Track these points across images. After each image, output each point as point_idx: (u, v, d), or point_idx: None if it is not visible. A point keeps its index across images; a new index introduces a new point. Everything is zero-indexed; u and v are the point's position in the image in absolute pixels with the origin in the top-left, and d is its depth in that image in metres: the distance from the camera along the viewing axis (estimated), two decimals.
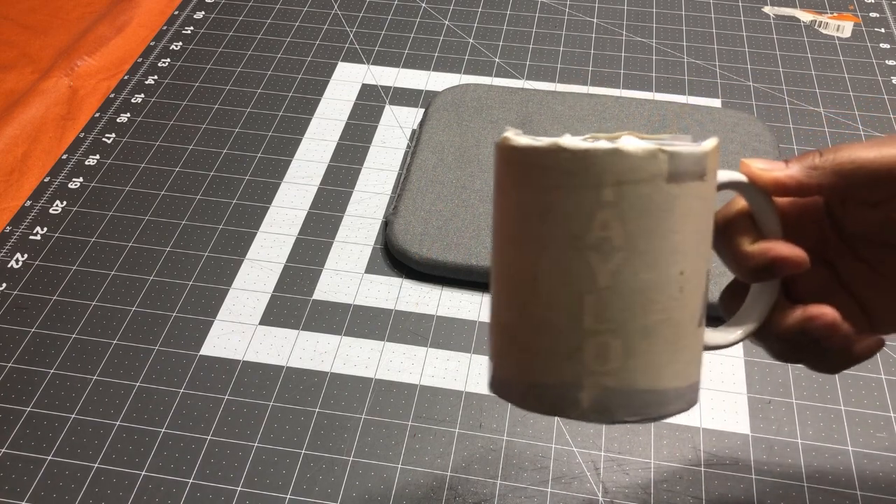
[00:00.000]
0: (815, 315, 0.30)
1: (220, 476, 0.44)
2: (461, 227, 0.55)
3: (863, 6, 0.79)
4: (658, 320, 0.28)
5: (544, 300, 0.28)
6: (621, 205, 0.27)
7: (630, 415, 0.29)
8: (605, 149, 0.27)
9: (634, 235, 0.27)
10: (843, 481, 0.44)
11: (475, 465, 0.45)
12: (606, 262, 0.27)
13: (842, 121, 0.66)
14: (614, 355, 0.28)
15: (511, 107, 0.64)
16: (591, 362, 0.28)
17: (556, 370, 0.29)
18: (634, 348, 0.28)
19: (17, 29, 0.76)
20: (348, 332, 0.51)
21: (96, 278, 0.54)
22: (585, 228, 0.27)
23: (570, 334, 0.28)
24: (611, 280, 0.27)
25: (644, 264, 0.27)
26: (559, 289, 0.28)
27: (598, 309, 0.28)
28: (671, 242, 0.28)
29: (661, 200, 0.27)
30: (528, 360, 0.29)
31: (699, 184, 0.28)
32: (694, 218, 0.28)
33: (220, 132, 0.65)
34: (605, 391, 0.28)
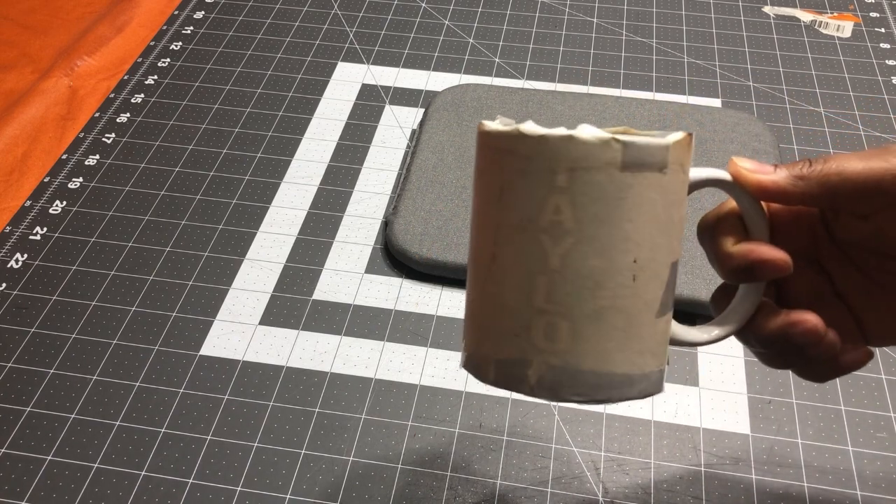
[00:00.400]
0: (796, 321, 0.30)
1: (220, 476, 0.44)
2: (461, 227, 0.55)
3: (863, 6, 0.79)
4: (606, 306, 0.29)
5: (499, 279, 0.30)
6: (573, 190, 0.28)
7: (575, 395, 0.30)
8: (559, 135, 0.28)
9: (585, 221, 0.28)
10: (843, 481, 0.44)
11: (475, 465, 0.45)
12: (557, 245, 0.28)
13: (842, 121, 0.66)
14: (562, 336, 0.29)
15: (511, 107, 0.64)
16: (539, 340, 0.29)
17: (507, 346, 0.30)
18: (582, 331, 0.29)
19: (17, 29, 0.76)
20: (348, 332, 0.51)
21: (96, 278, 0.54)
22: (538, 211, 0.28)
23: (521, 312, 0.29)
24: (561, 263, 0.29)
25: (593, 250, 0.28)
26: (513, 268, 0.29)
27: (548, 290, 0.29)
28: (623, 230, 0.28)
29: (612, 188, 0.28)
30: (486, 336, 0.31)
31: (658, 175, 0.28)
32: (650, 208, 0.28)
33: (220, 132, 0.65)
34: (551, 369, 0.29)
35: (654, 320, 0.30)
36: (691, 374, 0.49)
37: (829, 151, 0.63)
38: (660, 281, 0.30)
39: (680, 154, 0.29)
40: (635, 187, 0.28)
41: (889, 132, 0.65)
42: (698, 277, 0.52)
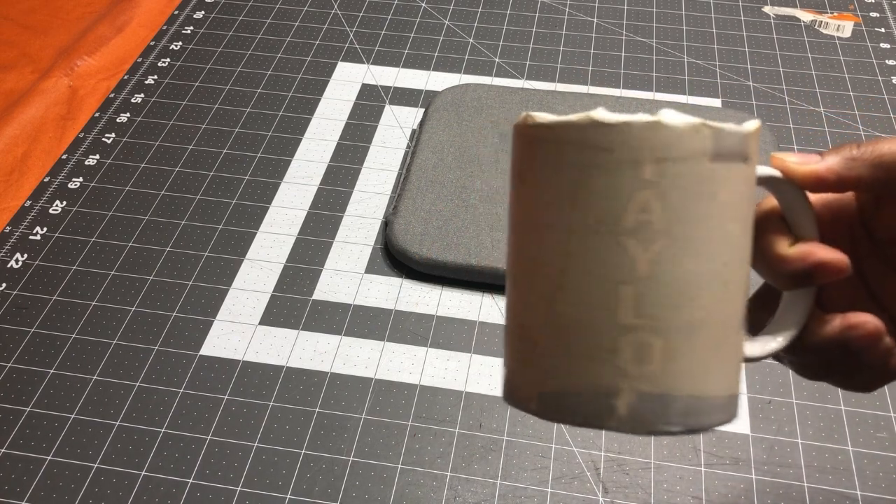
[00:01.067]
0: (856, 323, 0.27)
1: (220, 476, 0.44)
2: (461, 227, 0.55)
3: (863, 6, 0.79)
4: (701, 318, 0.25)
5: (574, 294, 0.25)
6: (662, 184, 0.24)
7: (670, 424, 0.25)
8: (644, 121, 0.24)
9: (677, 219, 0.24)
10: (843, 481, 0.44)
11: (475, 465, 0.45)
12: (646, 249, 0.24)
13: (842, 121, 0.66)
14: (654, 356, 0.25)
15: (511, 107, 0.64)
16: (628, 363, 0.25)
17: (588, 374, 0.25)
18: (677, 348, 0.25)
19: (17, 29, 0.76)
20: (348, 332, 0.51)
21: (96, 278, 0.54)
22: (622, 210, 0.24)
23: (605, 332, 0.25)
24: (651, 269, 0.24)
25: (687, 252, 0.24)
26: (592, 280, 0.25)
27: (636, 302, 0.24)
28: (715, 229, 0.25)
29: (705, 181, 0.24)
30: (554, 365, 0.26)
31: (743, 167, 0.25)
32: (738, 204, 0.25)
33: (220, 132, 0.65)
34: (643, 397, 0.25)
35: (737, 333, 0.26)
36: None
37: None
38: (744, 288, 0.26)
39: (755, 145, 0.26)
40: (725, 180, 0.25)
41: (889, 132, 0.65)
42: None
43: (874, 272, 0.30)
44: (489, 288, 0.54)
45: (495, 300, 0.53)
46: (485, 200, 0.57)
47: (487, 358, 0.50)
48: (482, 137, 0.62)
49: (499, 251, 0.53)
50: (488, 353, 0.50)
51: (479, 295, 0.53)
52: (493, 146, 0.61)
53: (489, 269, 0.53)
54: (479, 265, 0.53)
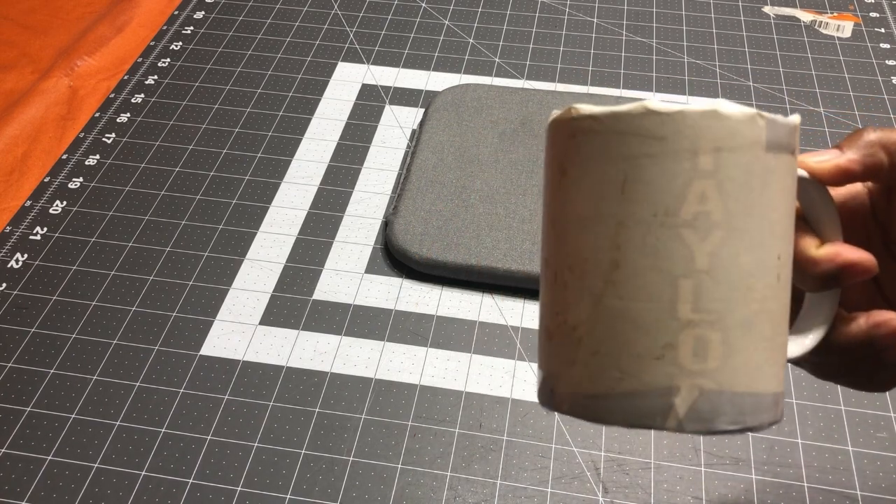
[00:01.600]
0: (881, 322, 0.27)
1: (220, 476, 0.44)
2: (461, 227, 0.55)
3: (863, 6, 0.79)
4: (757, 311, 0.24)
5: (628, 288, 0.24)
6: (720, 174, 0.23)
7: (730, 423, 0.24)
8: (701, 110, 0.24)
9: (735, 211, 0.24)
10: (843, 481, 0.44)
11: (475, 465, 0.45)
12: (704, 241, 0.24)
13: (842, 121, 0.66)
14: (713, 352, 0.24)
15: (511, 107, 0.64)
16: (687, 360, 0.24)
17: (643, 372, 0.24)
18: (735, 343, 0.24)
19: (17, 29, 0.76)
20: (348, 332, 0.51)
21: (96, 278, 0.54)
22: (680, 201, 0.24)
23: (663, 327, 0.24)
24: (710, 262, 0.24)
25: (745, 245, 0.24)
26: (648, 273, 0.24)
27: (695, 296, 0.24)
28: (770, 221, 0.24)
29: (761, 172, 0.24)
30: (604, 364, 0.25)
31: (791, 158, 0.25)
32: (789, 196, 0.25)
33: (220, 132, 0.65)
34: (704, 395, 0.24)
35: (787, 327, 0.26)
36: None
37: None
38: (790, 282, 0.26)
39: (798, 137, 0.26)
40: (778, 171, 0.24)
41: None
42: None
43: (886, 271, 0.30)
44: (489, 288, 0.54)
45: (495, 300, 0.53)
46: (485, 200, 0.57)
47: (487, 358, 0.50)
48: (482, 137, 0.62)
49: (499, 251, 0.53)
50: (488, 353, 0.50)
51: (479, 295, 0.53)
52: (493, 146, 0.61)
53: (489, 269, 0.53)
54: (479, 265, 0.53)
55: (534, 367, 0.49)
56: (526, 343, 0.51)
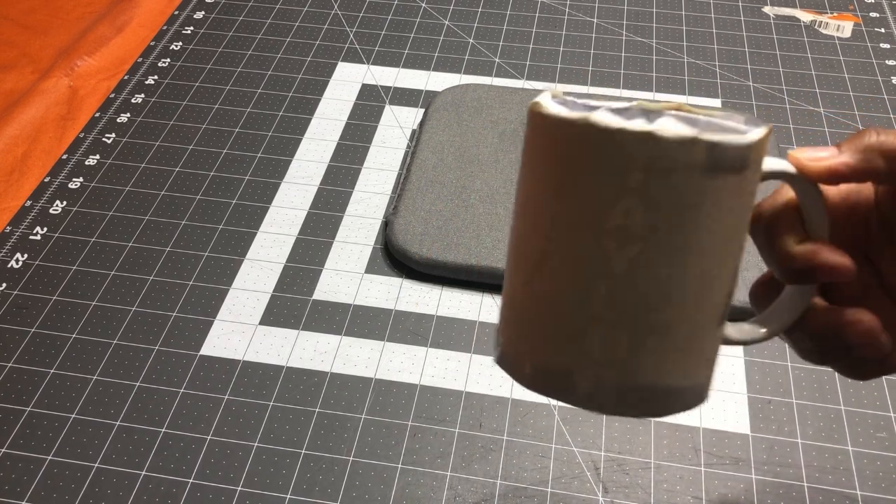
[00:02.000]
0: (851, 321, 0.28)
1: (220, 476, 0.44)
2: (461, 227, 0.55)
3: (863, 6, 0.79)
4: (671, 318, 0.26)
5: (551, 278, 0.27)
6: (648, 193, 0.25)
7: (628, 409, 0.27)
8: (638, 131, 0.24)
9: (658, 227, 0.25)
10: (843, 481, 0.44)
11: (475, 465, 0.45)
12: (623, 251, 0.25)
13: (842, 121, 0.66)
14: (619, 347, 0.26)
15: (511, 107, 0.64)
16: (594, 350, 0.26)
17: (556, 352, 0.27)
18: (643, 344, 0.26)
19: (17, 29, 0.76)
20: (348, 332, 0.51)
21: (96, 278, 0.54)
22: (606, 213, 0.25)
23: (575, 318, 0.26)
24: (626, 269, 0.25)
25: (664, 259, 0.25)
26: (569, 270, 0.26)
27: (608, 297, 0.26)
28: (696, 239, 0.25)
29: (692, 194, 0.25)
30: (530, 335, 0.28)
31: (737, 178, 0.25)
32: (726, 214, 0.25)
33: (220, 132, 0.65)
34: (604, 382, 0.27)
35: (715, 330, 0.27)
36: None
37: None
38: (726, 289, 0.27)
39: (759, 152, 0.25)
40: (714, 192, 0.25)
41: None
42: None
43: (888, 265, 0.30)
44: (489, 288, 0.54)
45: (495, 300, 0.53)
46: (485, 200, 0.57)
47: (487, 358, 0.50)
48: (482, 137, 0.62)
49: (499, 251, 0.53)
50: (488, 353, 0.50)
51: (479, 295, 0.53)
52: (493, 146, 0.61)
53: (489, 269, 0.53)
54: (479, 265, 0.53)
55: None
56: None
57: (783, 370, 0.49)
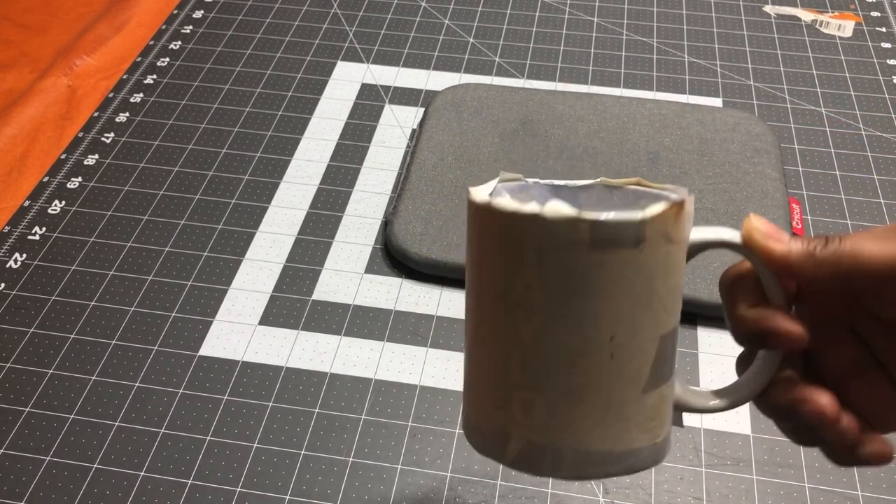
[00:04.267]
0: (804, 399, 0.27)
1: (220, 476, 0.44)
2: (461, 228, 0.55)
3: (864, 5, 0.78)
4: (582, 384, 0.28)
5: (480, 349, 0.29)
6: (542, 267, 0.27)
7: (555, 471, 0.29)
8: (527, 213, 0.27)
9: (555, 298, 0.27)
10: (844, 481, 0.44)
11: (475, 465, 0.45)
12: (528, 321, 0.28)
13: (843, 120, 0.66)
14: (538, 412, 0.28)
15: (511, 106, 0.64)
16: (517, 415, 0.29)
17: (489, 416, 0.30)
18: (557, 407, 0.28)
19: (16, 28, 0.76)
20: (348, 332, 0.51)
21: (95, 278, 0.54)
22: (510, 286, 0.28)
23: (500, 385, 0.29)
24: (533, 339, 0.28)
25: (564, 327, 0.27)
26: (491, 340, 0.29)
27: (522, 365, 0.28)
28: (594, 308, 0.27)
29: (580, 267, 0.27)
30: (474, 402, 0.31)
31: (633, 251, 0.27)
32: (628, 284, 0.27)
33: (220, 132, 0.65)
34: (530, 445, 0.29)
35: (639, 396, 0.28)
36: (692, 374, 0.49)
37: (829, 151, 0.63)
38: (645, 356, 0.28)
39: (662, 226, 0.27)
40: (606, 265, 0.27)
41: (890, 132, 0.65)
42: (698, 277, 0.52)
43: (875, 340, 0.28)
44: None
45: None
46: None
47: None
48: (482, 137, 0.61)
49: None
50: None
51: None
52: (493, 146, 0.61)
53: None
54: None
55: None
56: None
57: None
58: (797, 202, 0.58)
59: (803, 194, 0.60)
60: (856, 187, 0.60)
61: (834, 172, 0.61)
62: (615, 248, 0.27)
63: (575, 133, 0.62)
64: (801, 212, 0.58)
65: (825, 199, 0.59)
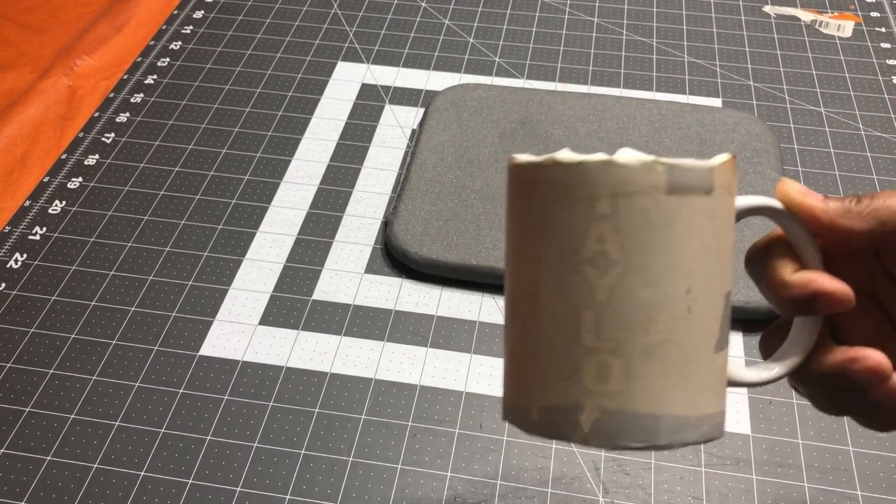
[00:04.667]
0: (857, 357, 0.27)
1: (220, 476, 0.44)
2: (461, 227, 0.55)
3: (863, 6, 0.78)
4: (661, 340, 0.27)
5: (543, 317, 0.28)
6: (617, 217, 0.26)
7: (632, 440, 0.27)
8: (598, 161, 0.26)
9: (632, 249, 0.26)
10: (844, 481, 0.44)
11: (475, 465, 0.45)
12: (603, 277, 0.27)
13: (842, 120, 0.66)
14: (614, 376, 0.27)
15: (511, 107, 0.64)
16: (590, 382, 0.27)
17: (555, 391, 0.28)
18: (635, 369, 0.27)
19: (16, 28, 0.76)
20: (348, 332, 0.51)
21: (95, 278, 0.54)
22: (581, 242, 0.27)
23: (569, 352, 0.27)
24: (609, 296, 0.27)
25: (643, 280, 0.26)
26: (556, 304, 0.27)
27: (596, 326, 0.27)
28: (673, 258, 0.26)
29: (659, 213, 0.26)
30: (529, 380, 0.28)
31: (705, 198, 0.27)
32: (701, 234, 0.27)
33: (220, 132, 0.65)
34: (606, 414, 0.27)
35: (712, 356, 0.28)
36: None
37: (829, 151, 0.63)
38: (716, 313, 0.28)
39: (726, 177, 0.27)
40: (683, 211, 0.26)
41: (890, 132, 0.65)
42: None
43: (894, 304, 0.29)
44: (489, 288, 0.54)
45: (495, 300, 0.53)
46: (485, 200, 0.57)
47: (487, 358, 0.50)
48: (482, 137, 0.62)
49: (498, 251, 0.53)
50: (488, 353, 0.50)
51: (479, 295, 0.53)
52: (493, 146, 0.61)
53: (489, 269, 0.53)
54: (479, 265, 0.53)
55: None
56: None
57: None
58: None
59: None
60: (855, 187, 0.60)
61: (833, 173, 0.61)
62: (690, 195, 0.26)
63: (575, 133, 0.62)
64: None
65: None
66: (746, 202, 0.29)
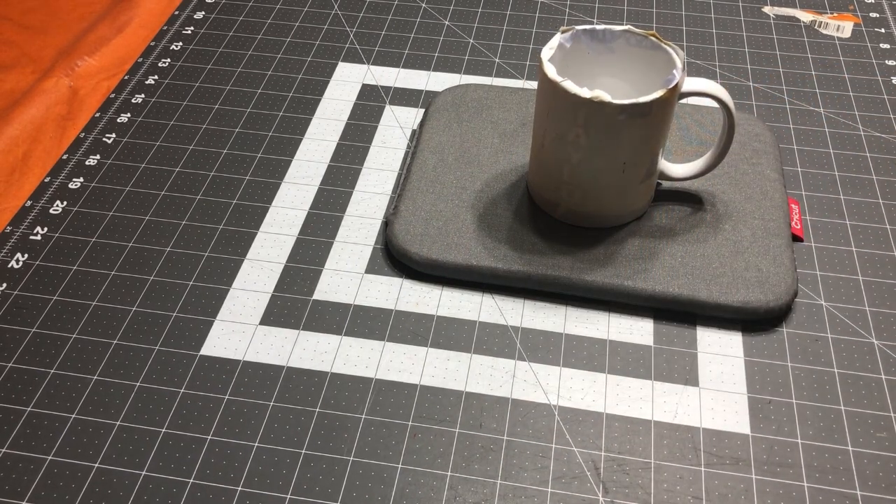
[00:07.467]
0: None
1: (220, 476, 0.44)
2: (461, 228, 0.55)
3: (863, 6, 0.79)
4: (605, 183, 0.52)
5: (545, 156, 0.53)
6: (587, 125, 0.49)
7: (586, 224, 0.54)
8: (584, 97, 0.47)
9: (594, 142, 0.49)
10: (843, 481, 0.44)
11: (475, 465, 0.45)
12: (577, 152, 0.50)
13: (842, 121, 0.66)
14: (578, 196, 0.53)
15: (511, 107, 0.64)
16: (564, 195, 0.53)
17: (547, 192, 0.54)
18: (590, 195, 0.52)
19: (17, 29, 0.76)
20: (348, 332, 0.51)
21: (96, 278, 0.54)
22: (566, 132, 0.50)
23: (555, 179, 0.53)
24: (578, 160, 0.51)
25: (597, 155, 0.50)
26: (552, 155, 0.52)
27: (570, 173, 0.52)
28: (616, 147, 0.49)
29: (612, 127, 0.48)
30: (537, 180, 0.55)
31: (644, 118, 0.48)
32: (637, 133, 0.49)
33: (221, 132, 0.65)
34: (570, 210, 0.54)
35: (638, 186, 0.52)
36: (691, 374, 0.49)
37: (828, 152, 0.63)
38: (643, 167, 0.51)
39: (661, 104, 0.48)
40: (627, 125, 0.48)
41: (889, 132, 0.65)
42: (698, 278, 0.52)
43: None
44: (489, 288, 0.54)
45: (495, 300, 0.53)
46: (485, 201, 0.57)
47: (487, 358, 0.50)
48: (482, 138, 0.62)
49: (499, 251, 0.53)
50: (488, 353, 0.50)
51: (479, 295, 0.53)
52: (493, 146, 0.61)
53: (489, 270, 0.53)
54: (480, 265, 0.53)
55: (534, 367, 0.49)
56: (526, 343, 0.51)
57: (783, 370, 0.49)
58: (796, 202, 0.58)
59: (802, 195, 0.60)
60: (855, 188, 0.60)
61: (833, 173, 0.61)
62: (633, 116, 0.48)
63: None
64: (800, 212, 0.58)
65: (824, 200, 0.60)
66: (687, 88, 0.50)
